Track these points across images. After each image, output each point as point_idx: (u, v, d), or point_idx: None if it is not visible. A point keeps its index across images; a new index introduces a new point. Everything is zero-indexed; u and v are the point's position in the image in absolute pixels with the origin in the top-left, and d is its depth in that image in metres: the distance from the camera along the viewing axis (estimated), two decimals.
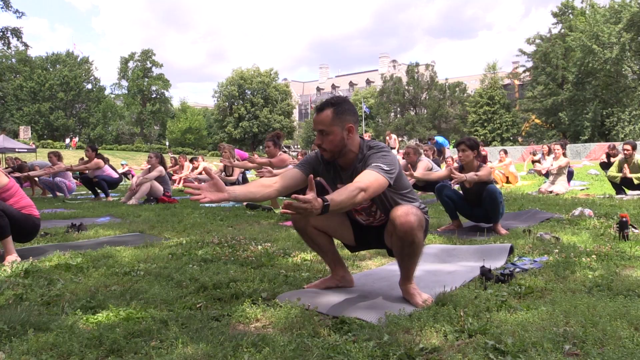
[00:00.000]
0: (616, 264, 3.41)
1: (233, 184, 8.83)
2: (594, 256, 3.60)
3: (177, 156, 19.48)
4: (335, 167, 2.79)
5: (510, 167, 13.27)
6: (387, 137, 19.42)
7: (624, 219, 4.33)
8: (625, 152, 8.67)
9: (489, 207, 5.00)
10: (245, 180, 8.84)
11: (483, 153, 14.36)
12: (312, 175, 2.32)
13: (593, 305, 2.44)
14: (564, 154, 10.29)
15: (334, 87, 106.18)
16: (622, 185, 8.77)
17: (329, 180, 2.87)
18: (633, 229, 4.53)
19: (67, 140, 52.75)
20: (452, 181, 5.04)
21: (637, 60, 43.69)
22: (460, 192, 5.42)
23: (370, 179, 2.44)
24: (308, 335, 2.18)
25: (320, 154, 2.76)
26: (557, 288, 2.85)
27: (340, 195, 2.31)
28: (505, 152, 13.87)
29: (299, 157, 15.08)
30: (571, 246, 4.01)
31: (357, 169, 2.66)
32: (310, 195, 2.18)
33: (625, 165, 8.54)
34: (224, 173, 9.18)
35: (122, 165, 21.41)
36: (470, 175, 5.01)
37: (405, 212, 2.55)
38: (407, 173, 5.71)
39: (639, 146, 10.82)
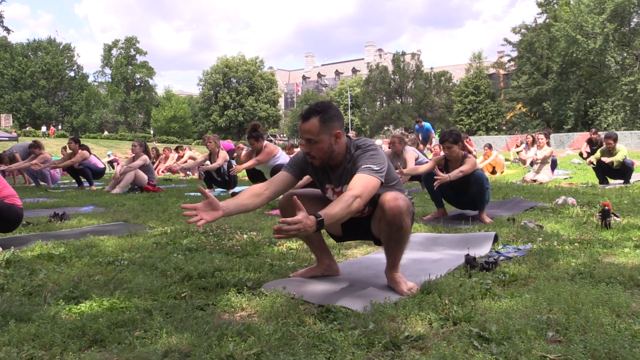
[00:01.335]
0: (598, 252, 3.45)
1: (218, 170, 8.77)
2: (576, 244, 3.64)
3: (159, 147, 19.36)
4: (324, 167, 2.78)
5: (499, 156, 13.35)
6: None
7: (606, 208, 4.38)
8: (608, 145, 8.78)
9: (476, 193, 5.03)
10: (230, 168, 8.78)
11: (469, 146, 14.42)
12: (295, 197, 2.33)
13: (576, 292, 2.47)
14: (548, 144, 10.37)
15: (319, 75, 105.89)
16: (604, 174, 8.87)
17: (318, 181, 2.87)
18: (615, 218, 4.58)
19: (44, 129, 51.92)
20: (435, 183, 4.98)
21: (620, 50, 44.12)
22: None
23: (362, 183, 2.46)
24: (293, 324, 2.17)
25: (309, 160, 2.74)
26: (540, 276, 2.87)
27: (335, 207, 2.34)
28: (490, 146, 13.76)
29: (289, 149, 15.01)
30: (554, 234, 4.05)
31: (346, 169, 2.67)
32: (300, 214, 2.20)
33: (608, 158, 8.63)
34: (208, 161, 9.12)
35: (107, 155, 21.22)
36: (454, 174, 4.96)
37: (394, 197, 2.56)
38: (397, 171, 5.69)
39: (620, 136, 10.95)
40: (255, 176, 8.15)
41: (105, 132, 55.82)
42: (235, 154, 8.89)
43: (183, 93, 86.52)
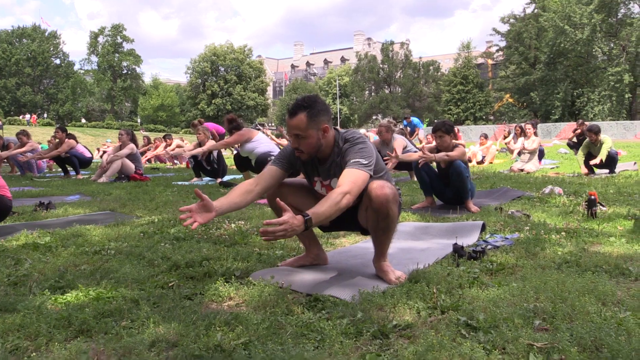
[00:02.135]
0: (584, 241, 3.48)
1: (208, 159, 8.77)
2: (563, 233, 3.66)
3: (149, 135, 19.24)
4: (312, 161, 2.77)
5: (492, 147, 13.47)
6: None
7: (593, 197, 4.42)
8: (591, 138, 8.85)
9: (457, 184, 5.05)
10: (221, 158, 8.80)
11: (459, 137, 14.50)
12: (279, 199, 2.35)
13: (562, 281, 2.48)
14: (535, 134, 10.44)
15: (308, 64, 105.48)
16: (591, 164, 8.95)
17: (306, 174, 2.87)
18: (601, 207, 4.62)
19: (27, 117, 51.14)
20: (420, 160, 5.07)
21: (607, 41, 44.35)
22: (436, 170, 5.46)
23: (351, 179, 2.47)
24: (282, 313, 2.17)
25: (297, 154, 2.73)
26: (527, 265, 2.89)
27: (323, 205, 2.35)
28: (486, 136, 14.03)
29: (279, 137, 14.97)
30: (541, 223, 4.07)
31: (334, 162, 2.68)
32: (286, 215, 2.21)
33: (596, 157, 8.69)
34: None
35: (103, 144, 21.03)
36: (440, 155, 5.06)
37: (381, 185, 2.56)
38: (393, 155, 5.71)
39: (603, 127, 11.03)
40: (242, 164, 8.14)
41: (83, 120, 54.69)
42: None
43: (171, 81, 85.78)
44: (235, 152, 9.56)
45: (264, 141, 7.85)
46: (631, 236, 3.61)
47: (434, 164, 5.43)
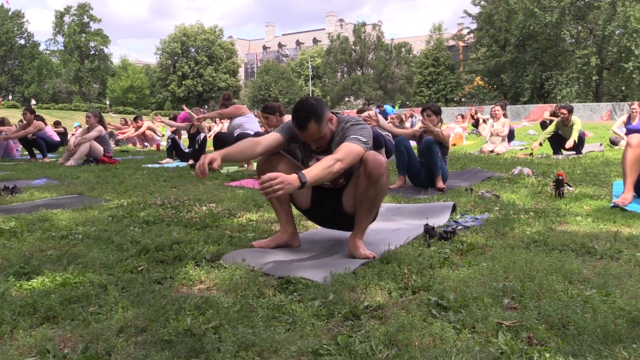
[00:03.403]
0: (552, 221, 3.54)
1: (193, 139, 8.86)
2: (531, 213, 3.72)
3: (127, 118, 19.07)
4: None
5: (455, 129, 13.61)
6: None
7: (560, 178, 4.49)
8: (562, 115, 8.97)
9: (428, 159, 5.19)
10: (205, 142, 8.81)
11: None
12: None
13: (530, 260, 2.52)
14: (505, 115, 10.54)
15: (280, 45, 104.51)
16: (559, 145, 9.10)
17: (304, 151, 3.00)
18: (568, 187, 4.70)
19: None
20: (421, 127, 5.57)
21: (575, 24, 44.96)
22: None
23: (346, 150, 2.60)
24: (253, 296, 2.16)
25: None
26: (497, 244, 2.93)
27: (316, 168, 2.48)
28: (462, 116, 14.30)
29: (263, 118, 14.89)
30: (510, 204, 4.13)
31: (335, 141, 2.78)
32: (279, 172, 2.34)
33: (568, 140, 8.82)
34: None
35: (75, 127, 20.61)
36: (437, 130, 5.40)
37: (375, 154, 2.68)
38: (374, 118, 5.77)
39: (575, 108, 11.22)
40: (221, 146, 8.10)
41: (33, 102, 52.74)
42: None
43: (140, 62, 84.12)
44: (213, 133, 9.54)
45: (254, 121, 7.84)
46: (597, 215, 3.68)
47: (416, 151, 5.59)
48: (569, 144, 8.72)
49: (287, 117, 6.05)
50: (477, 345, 1.65)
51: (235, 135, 7.52)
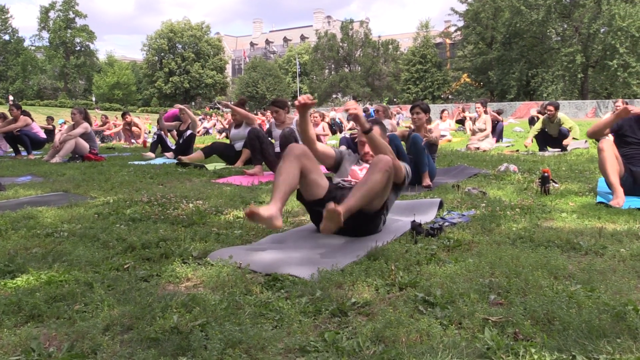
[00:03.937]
0: (538, 217, 3.57)
1: (180, 135, 8.88)
2: (517, 210, 3.75)
3: (105, 113, 18.91)
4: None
5: (441, 125, 13.66)
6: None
7: (546, 174, 4.53)
8: (549, 112, 9.05)
9: (415, 155, 5.20)
10: (193, 138, 8.82)
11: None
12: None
13: (516, 256, 2.54)
14: (485, 112, 10.59)
15: (267, 42, 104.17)
16: (545, 142, 9.18)
17: (344, 166, 3.54)
18: (554, 184, 4.74)
19: None
20: (407, 125, 5.69)
21: (560, 22, 45.25)
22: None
23: (389, 149, 3.24)
24: (240, 293, 2.15)
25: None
26: (483, 241, 2.95)
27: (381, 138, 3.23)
28: (446, 112, 14.50)
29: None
30: (497, 200, 4.16)
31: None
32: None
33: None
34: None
35: (60, 124, 20.43)
36: (433, 136, 5.66)
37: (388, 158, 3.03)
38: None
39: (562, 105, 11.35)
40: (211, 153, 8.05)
41: (11, 97, 51.73)
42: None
43: (126, 59, 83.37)
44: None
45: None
46: (582, 211, 3.72)
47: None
48: (568, 141, 8.86)
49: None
50: (464, 341, 1.66)
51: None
